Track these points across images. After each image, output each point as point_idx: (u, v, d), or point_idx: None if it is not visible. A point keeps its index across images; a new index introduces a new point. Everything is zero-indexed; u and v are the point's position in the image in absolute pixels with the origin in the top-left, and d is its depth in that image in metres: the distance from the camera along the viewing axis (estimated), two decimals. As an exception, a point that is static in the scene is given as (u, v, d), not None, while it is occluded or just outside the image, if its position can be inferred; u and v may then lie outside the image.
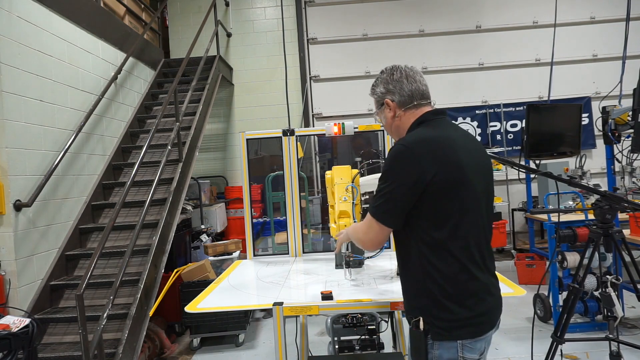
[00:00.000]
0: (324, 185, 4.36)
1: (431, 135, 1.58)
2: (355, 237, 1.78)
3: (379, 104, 1.77)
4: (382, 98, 1.74)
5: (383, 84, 1.75)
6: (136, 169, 3.78)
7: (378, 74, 1.79)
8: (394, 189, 1.53)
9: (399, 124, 1.72)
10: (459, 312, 1.53)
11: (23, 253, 3.53)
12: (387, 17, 7.25)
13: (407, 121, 1.70)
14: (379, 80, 1.77)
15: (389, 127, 1.78)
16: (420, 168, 1.49)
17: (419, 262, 1.56)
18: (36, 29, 3.93)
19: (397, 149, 1.55)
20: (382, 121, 1.80)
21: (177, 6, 7.49)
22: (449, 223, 1.52)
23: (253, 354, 4.37)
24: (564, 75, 6.80)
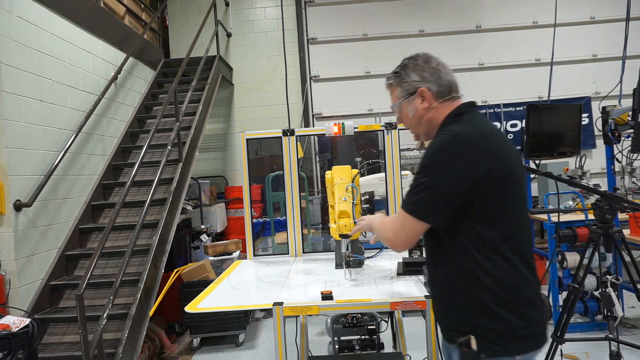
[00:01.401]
0: (324, 185, 4.36)
1: (480, 127, 1.45)
2: (383, 235, 1.60)
3: (407, 92, 1.58)
4: (414, 86, 1.56)
5: (417, 72, 1.56)
6: (136, 169, 3.78)
7: (406, 60, 1.61)
8: (439, 182, 1.38)
9: (432, 117, 1.56)
10: (515, 322, 1.37)
11: (23, 253, 3.53)
12: (387, 17, 7.25)
13: (442, 114, 1.55)
14: (410, 67, 1.58)
15: (418, 119, 1.60)
16: (473, 161, 1.36)
17: (466, 266, 1.40)
18: (36, 29, 3.93)
19: (447, 140, 1.40)
20: (409, 112, 1.60)
21: (177, 6, 7.49)
22: (500, 222, 1.39)
23: (253, 354, 4.37)
24: (564, 75, 6.79)
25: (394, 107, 1.67)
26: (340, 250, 2.49)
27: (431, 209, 1.41)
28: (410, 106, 1.59)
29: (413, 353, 2.89)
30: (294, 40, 7.30)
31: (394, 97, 1.65)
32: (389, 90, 1.68)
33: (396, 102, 1.64)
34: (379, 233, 1.67)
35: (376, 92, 7.19)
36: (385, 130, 2.94)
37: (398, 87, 1.61)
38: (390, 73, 1.65)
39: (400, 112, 1.65)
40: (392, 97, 1.67)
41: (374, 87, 7.23)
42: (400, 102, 1.62)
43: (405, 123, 1.67)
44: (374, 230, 1.75)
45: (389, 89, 1.67)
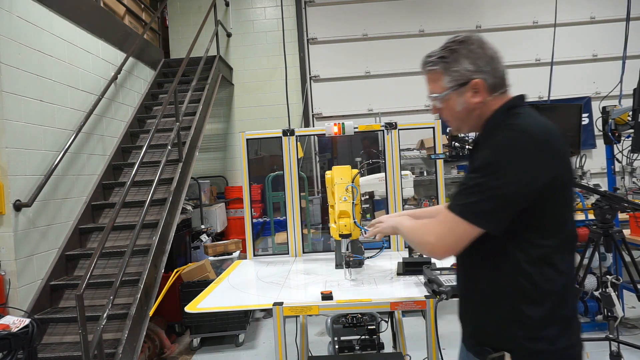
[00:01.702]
0: (324, 185, 4.36)
1: (546, 123, 1.27)
2: (420, 239, 1.39)
3: (457, 83, 1.35)
4: (467, 77, 1.34)
5: (471, 59, 1.34)
6: (136, 169, 3.78)
7: (456, 44, 1.38)
8: (503, 184, 1.20)
9: (481, 113, 1.37)
10: (559, 341, 1.24)
11: (23, 253, 3.53)
12: (387, 17, 7.25)
13: (492, 108, 1.36)
14: (462, 53, 1.35)
15: (466, 114, 1.38)
16: (544, 163, 1.20)
17: (513, 278, 1.25)
18: (36, 29, 3.93)
19: (514, 137, 1.22)
20: (457, 106, 1.38)
21: (177, 6, 7.49)
22: (557, 230, 1.26)
23: (253, 354, 4.37)
24: (564, 75, 6.79)
25: (437, 98, 1.40)
26: (340, 250, 2.49)
27: (490, 213, 1.23)
28: (460, 99, 1.36)
29: (413, 353, 2.89)
30: (294, 40, 7.30)
31: (438, 87, 1.39)
32: (427, 76, 1.43)
33: (441, 92, 1.38)
34: (413, 236, 1.46)
35: (376, 92, 7.21)
36: (385, 130, 2.94)
37: (445, 75, 1.37)
38: (433, 56, 1.41)
39: (444, 103, 1.40)
40: (433, 85, 1.42)
41: (374, 87, 7.23)
42: (446, 94, 1.37)
43: (446, 115, 1.43)
44: (403, 233, 1.57)
45: (429, 75, 1.42)
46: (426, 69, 1.43)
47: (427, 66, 1.42)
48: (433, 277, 1.92)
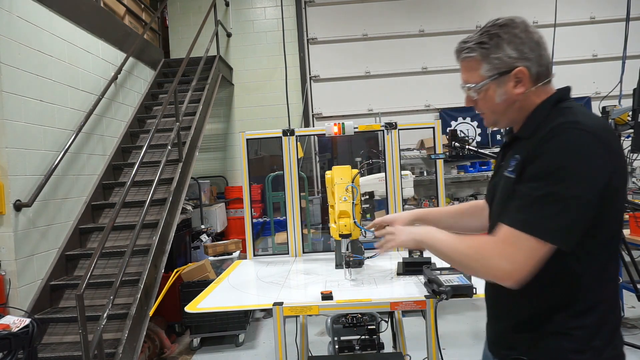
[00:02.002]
0: (324, 185, 4.36)
1: (602, 120, 1.18)
2: (486, 264, 1.16)
3: (497, 71, 1.21)
4: (509, 65, 1.20)
5: (514, 45, 1.20)
6: (136, 169, 3.79)
7: (497, 28, 1.24)
8: (579, 193, 1.06)
9: (522, 106, 1.24)
10: (606, 351, 1.17)
11: (23, 253, 3.53)
12: (387, 17, 7.25)
13: (536, 100, 1.23)
14: (504, 38, 1.21)
15: (507, 106, 1.25)
16: (611, 165, 1.09)
17: (568, 292, 1.16)
18: (36, 29, 3.93)
19: (582, 137, 1.08)
20: (497, 97, 1.24)
21: (177, 6, 7.49)
22: (613, 238, 1.17)
23: (253, 354, 4.37)
24: (563, 75, 6.73)
25: (474, 88, 1.26)
26: (340, 250, 2.49)
27: (567, 227, 1.07)
28: (500, 89, 1.23)
29: (413, 353, 2.89)
30: (294, 40, 7.30)
31: (474, 76, 1.25)
32: (462, 63, 1.28)
33: (479, 81, 1.23)
34: (468, 260, 1.21)
35: (376, 92, 7.21)
36: (385, 130, 2.94)
37: (484, 63, 1.22)
38: (470, 42, 1.25)
39: (480, 94, 1.26)
40: (468, 74, 1.27)
41: (374, 87, 7.23)
42: (484, 84, 1.23)
43: (482, 108, 1.29)
44: (439, 250, 1.31)
45: (464, 62, 1.27)
46: (462, 56, 1.26)
47: (463, 53, 1.26)
48: (433, 277, 1.92)
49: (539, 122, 1.21)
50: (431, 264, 2.20)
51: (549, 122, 1.17)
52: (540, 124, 1.20)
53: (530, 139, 1.19)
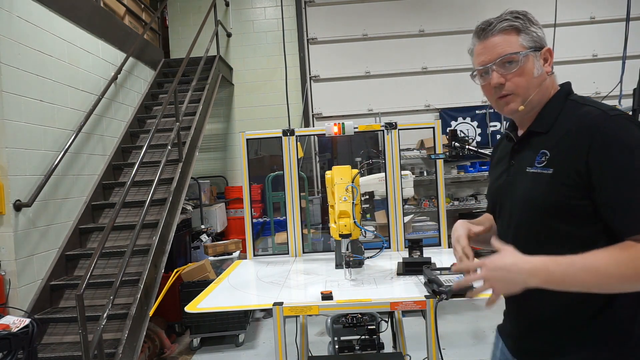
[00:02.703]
0: (324, 185, 4.36)
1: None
2: (619, 280, 1.06)
3: (535, 45, 1.25)
4: (541, 42, 1.26)
5: (538, 26, 1.27)
6: (136, 169, 3.79)
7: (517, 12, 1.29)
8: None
9: (546, 89, 1.27)
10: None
11: (23, 253, 3.53)
12: (387, 17, 7.25)
13: (549, 88, 1.28)
14: (530, 18, 1.28)
15: (540, 82, 1.25)
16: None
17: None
18: (36, 29, 3.93)
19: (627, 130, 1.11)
20: (535, 70, 1.25)
21: (177, 6, 7.49)
22: None
23: (253, 354, 4.37)
24: (563, 75, 6.74)
25: (519, 55, 1.23)
26: (340, 250, 2.49)
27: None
28: (538, 62, 1.25)
29: (413, 353, 2.89)
30: (294, 40, 7.30)
31: (515, 45, 1.24)
32: (499, 35, 1.26)
33: (520, 50, 1.23)
34: (613, 283, 1.07)
35: (376, 92, 7.21)
36: (385, 130, 2.94)
37: (523, 34, 1.24)
38: (506, 16, 1.27)
39: (521, 64, 1.23)
40: (506, 44, 1.24)
41: (374, 87, 7.23)
42: (526, 52, 1.23)
43: (519, 82, 1.25)
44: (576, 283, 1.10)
45: (503, 33, 1.25)
46: (499, 26, 1.25)
47: (503, 23, 1.25)
48: (433, 277, 1.92)
49: (555, 115, 1.24)
50: (431, 264, 2.20)
51: (569, 115, 1.21)
52: (557, 117, 1.23)
53: (549, 133, 1.22)
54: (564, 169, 1.16)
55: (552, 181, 1.17)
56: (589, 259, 1.08)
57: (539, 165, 1.21)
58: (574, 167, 1.14)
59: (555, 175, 1.17)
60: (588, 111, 1.18)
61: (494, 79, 1.26)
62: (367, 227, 2.90)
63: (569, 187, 1.15)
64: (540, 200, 1.20)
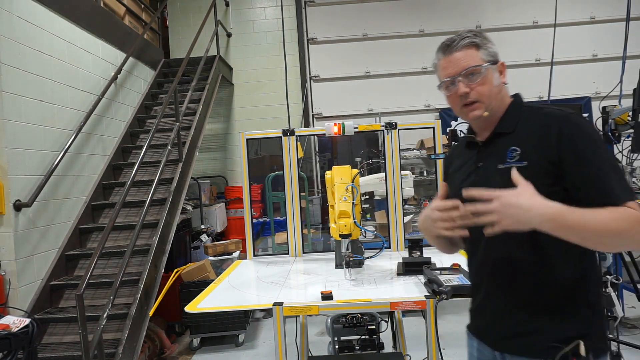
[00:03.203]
0: (324, 185, 4.36)
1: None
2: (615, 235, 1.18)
3: (492, 59, 1.41)
4: (496, 57, 1.43)
5: (492, 44, 1.45)
6: (136, 169, 3.79)
7: (474, 31, 1.44)
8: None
9: (502, 97, 1.44)
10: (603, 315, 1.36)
11: (23, 253, 3.53)
12: (387, 17, 7.24)
13: (505, 96, 1.45)
14: (486, 36, 1.45)
15: (497, 92, 1.42)
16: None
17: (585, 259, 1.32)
18: (36, 29, 3.93)
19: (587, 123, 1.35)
20: (494, 80, 1.41)
21: (177, 6, 7.49)
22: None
23: (253, 354, 4.37)
24: (564, 75, 6.79)
25: (480, 67, 1.39)
26: (340, 250, 2.49)
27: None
28: (496, 74, 1.42)
29: (413, 353, 2.89)
30: (294, 40, 7.30)
31: (477, 59, 1.40)
32: (462, 50, 1.41)
33: (482, 63, 1.39)
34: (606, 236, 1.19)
35: (376, 92, 7.20)
36: (385, 130, 2.94)
37: (482, 49, 1.41)
38: (465, 34, 1.43)
39: (483, 75, 1.39)
40: (469, 59, 1.40)
41: (374, 87, 7.23)
42: (487, 65, 1.39)
43: (482, 91, 1.39)
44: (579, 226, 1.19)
45: (465, 49, 1.41)
46: (462, 43, 1.41)
47: (464, 40, 1.41)
48: (433, 277, 1.92)
49: (516, 118, 1.41)
50: (431, 264, 2.20)
51: (530, 116, 1.39)
52: (519, 119, 1.40)
53: (515, 132, 1.38)
54: (537, 160, 1.31)
55: (527, 172, 1.28)
56: (595, 214, 1.19)
57: (511, 160, 1.35)
58: (547, 157, 1.30)
59: (530, 167, 1.30)
60: (549, 111, 1.36)
61: (460, 88, 1.40)
62: (367, 227, 2.90)
63: (543, 176, 1.29)
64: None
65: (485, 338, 1.46)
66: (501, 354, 1.40)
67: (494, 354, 1.42)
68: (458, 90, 1.40)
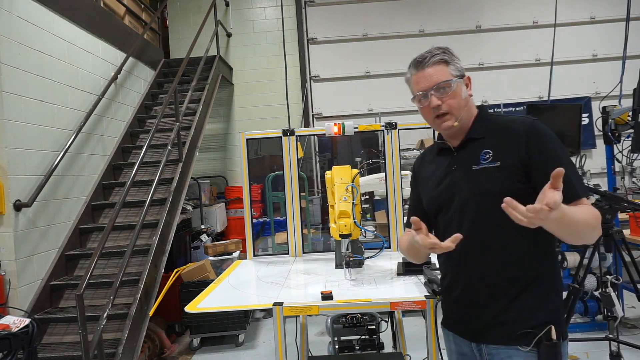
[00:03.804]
0: (324, 185, 4.36)
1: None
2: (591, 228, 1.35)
3: (459, 73, 1.54)
4: (462, 71, 1.56)
5: (458, 59, 1.58)
6: (136, 169, 3.78)
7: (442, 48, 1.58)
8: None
9: (469, 107, 1.57)
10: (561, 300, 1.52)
11: (23, 253, 3.53)
12: (387, 17, 7.24)
13: (472, 106, 1.59)
14: (453, 53, 1.58)
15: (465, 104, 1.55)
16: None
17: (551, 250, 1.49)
18: (36, 29, 3.93)
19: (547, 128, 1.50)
20: (462, 93, 1.55)
21: (177, 6, 7.49)
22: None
23: (253, 354, 4.37)
24: (564, 75, 6.79)
25: (451, 81, 1.52)
26: (340, 250, 2.49)
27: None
28: (463, 87, 1.55)
29: (413, 353, 2.89)
30: (294, 40, 7.30)
31: (447, 74, 1.53)
32: (433, 67, 1.54)
33: (451, 78, 1.52)
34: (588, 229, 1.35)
35: (376, 92, 7.20)
36: (385, 130, 2.94)
37: (451, 65, 1.55)
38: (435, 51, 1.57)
39: (453, 89, 1.52)
40: (440, 74, 1.53)
41: (374, 87, 7.23)
42: (457, 80, 1.52)
43: (452, 104, 1.53)
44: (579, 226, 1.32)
45: (434, 66, 1.54)
46: (433, 60, 1.54)
47: (435, 57, 1.54)
48: (433, 277, 1.92)
49: (486, 125, 1.55)
50: (431, 264, 2.20)
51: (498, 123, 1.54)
52: (488, 126, 1.55)
53: (486, 137, 1.52)
54: (509, 160, 1.45)
55: (500, 172, 1.45)
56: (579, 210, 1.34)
57: (484, 162, 1.49)
58: (518, 157, 1.44)
59: (502, 167, 1.46)
60: (514, 118, 1.54)
61: (433, 101, 1.54)
62: (367, 227, 2.90)
63: (514, 174, 1.44)
64: (494, 188, 1.44)
65: (464, 332, 1.57)
66: (477, 345, 1.51)
67: (471, 346, 1.53)
68: (430, 103, 1.54)
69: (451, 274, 1.60)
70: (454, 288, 1.57)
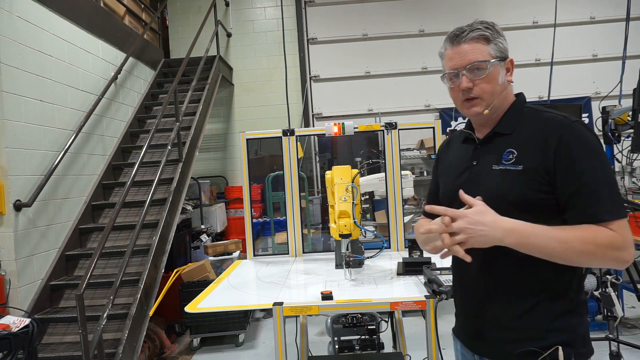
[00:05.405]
0: (324, 185, 4.36)
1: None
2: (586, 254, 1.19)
3: (501, 55, 1.34)
4: (506, 53, 1.35)
5: (504, 38, 1.36)
6: (136, 169, 3.79)
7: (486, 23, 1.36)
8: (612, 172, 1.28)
9: (506, 96, 1.38)
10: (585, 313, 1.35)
11: (23, 253, 3.53)
12: (387, 17, 7.25)
13: (509, 96, 1.39)
14: (498, 30, 1.36)
15: (501, 91, 1.35)
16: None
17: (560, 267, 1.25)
18: (36, 29, 3.93)
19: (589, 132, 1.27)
20: (500, 77, 1.34)
21: (177, 6, 7.49)
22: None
23: (253, 354, 4.37)
24: (564, 75, 6.79)
25: (485, 63, 1.32)
26: (340, 250, 2.49)
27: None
28: (502, 71, 1.35)
29: (413, 353, 2.89)
30: (294, 40, 7.30)
31: (485, 53, 1.32)
32: (470, 43, 1.33)
33: (489, 59, 1.32)
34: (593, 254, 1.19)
35: (376, 92, 7.20)
36: (385, 130, 2.94)
37: (492, 44, 1.33)
38: (471, 26, 1.35)
39: (488, 72, 1.32)
40: (477, 52, 1.33)
41: (374, 87, 7.23)
42: (494, 62, 1.32)
43: (485, 88, 1.33)
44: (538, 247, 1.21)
45: (473, 41, 1.33)
46: (471, 35, 1.33)
47: (474, 32, 1.33)
48: (433, 277, 1.92)
49: (517, 119, 1.37)
50: (431, 264, 2.20)
51: (531, 119, 1.34)
52: (519, 121, 1.36)
53: (514, 134, 1.34)
54: (533, 166, 1.27)
55: (521, 177, 1.28)
56: (560, 232, 1.20)
57: (506, 162, 1.32)
58: (543, 164, 1.26)
59: (524, 172, 1.28)
60: (552, 116, 1.31)
61: (463, 83, 1.34)
62: (367, 227, 2.90)
63: (537, 182, 1.26)
64: (511, 194, 1.28)
65: (469, 344, 1.47)
66: (481, 358, 1.42)
67: (474, 357, 1.44)
68: (461, 84, 1.34)
69: (459, 279, 1.51)
70: (463, 297, 1.49)
